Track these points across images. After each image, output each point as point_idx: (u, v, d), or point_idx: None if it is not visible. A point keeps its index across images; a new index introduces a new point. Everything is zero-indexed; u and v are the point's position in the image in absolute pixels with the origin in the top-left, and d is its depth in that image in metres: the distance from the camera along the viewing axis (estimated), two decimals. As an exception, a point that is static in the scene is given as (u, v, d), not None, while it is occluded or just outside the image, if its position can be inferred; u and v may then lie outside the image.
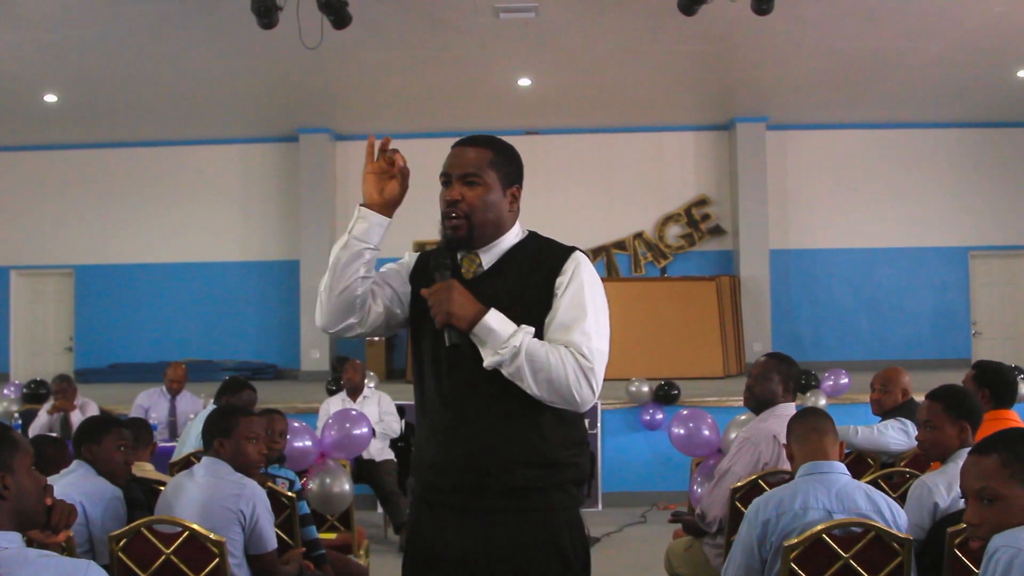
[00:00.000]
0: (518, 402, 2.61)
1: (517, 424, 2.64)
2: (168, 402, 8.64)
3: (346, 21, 9.67)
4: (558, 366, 2.57)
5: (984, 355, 13.95)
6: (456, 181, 2.74)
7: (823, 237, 15.63)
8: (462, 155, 2.78)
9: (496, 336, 2.58)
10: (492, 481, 2.63)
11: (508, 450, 2.63)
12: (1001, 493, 2.48)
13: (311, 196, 15.52)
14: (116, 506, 3.84)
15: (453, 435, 2.66)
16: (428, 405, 2.75)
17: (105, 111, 14.19)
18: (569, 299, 2.69)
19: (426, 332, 2.73)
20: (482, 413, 2.64)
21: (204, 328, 15.79)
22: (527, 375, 2.56)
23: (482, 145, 2.80)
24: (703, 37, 11.24)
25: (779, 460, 4.37)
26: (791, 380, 4.73)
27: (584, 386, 2.59)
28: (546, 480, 2.67)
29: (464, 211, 2.72)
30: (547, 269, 2.73)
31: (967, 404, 3.85)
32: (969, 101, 14.40)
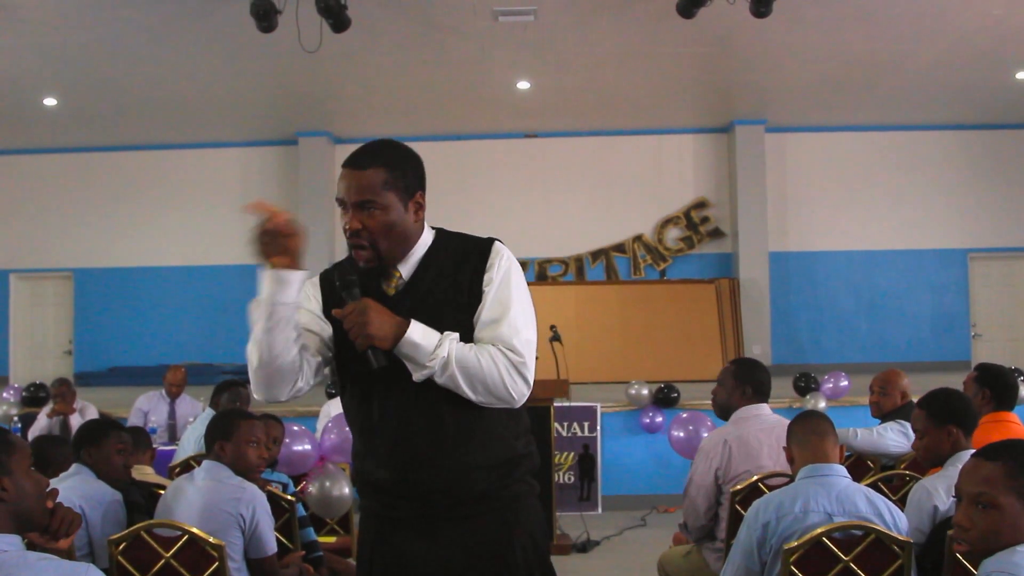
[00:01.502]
0: (461, 407, 2.56)
1: (465, 429, 2.58)
2: (167, 405, 8.64)
3: (345, 25, 9.69)
4: (490, 367, 2.52)
5: (984, 357, 13.98)
6: (353, 208, 2.62)
7: (822, 239, 15.63)
8: (355, 180, 2.64)
9: (422, 350, 2.49)
10: (456, 493, 2.58)
11: (464, 459, 2.57)
12: (998, 502, 2.44)
13: (310, 199, 15.52)
14: (116, 509, 3.84)
15: (403, 457, 2.58)
16: (365, 428, 2.64)
17: (104, 114, 14.20)
18: (494, 293, 2.63)
19: (348, 354, 2.59)
20: (427, 428, 2.56)
21: (203, 331, 15.79)
22: (461, 382, 2.50)
23: (374, 164, 2.66)
24: (702, 40, 11.25)
25: (729, 464, 4.41)
26: (749, 384, 4.71)
27: (519, 382, 2.56)
28: (508, 476, 2.64)
29: (368, 240, 2.60)
30: (472, 266, 2.66)
31: (950, 407, 3.82)
32: (968, 103, 14.41)
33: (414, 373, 2.49)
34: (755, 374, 4.75)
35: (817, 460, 3.50)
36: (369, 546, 2.69)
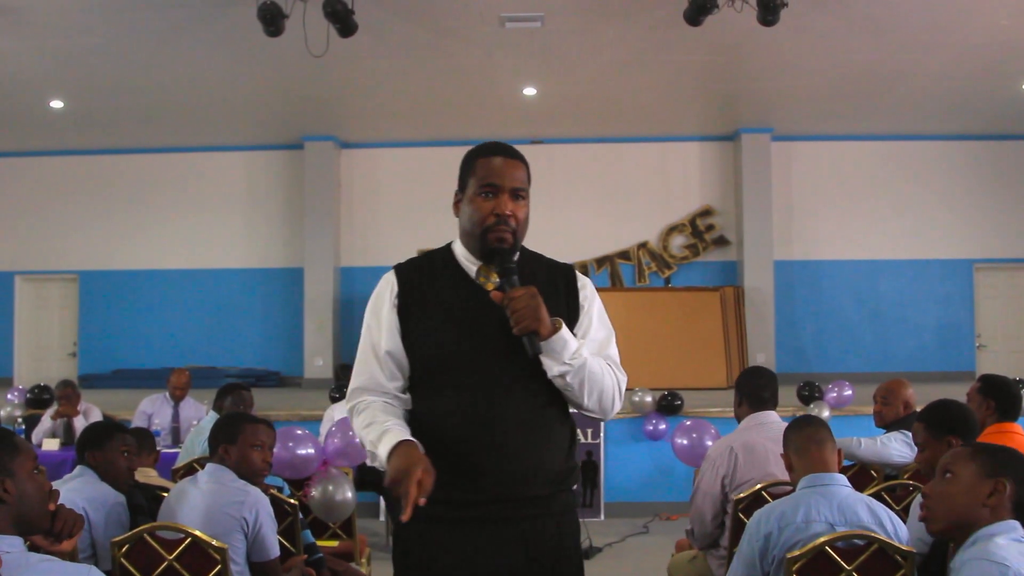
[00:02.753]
0: (547, 412, 2.67)
1: (544, 430, 2.66)
2: (171, 408, 8.63)
3: (352, 29, 9.70)
4: (609, 380, 2.65)
5: (988, 368, 13.95)
6: (507, 194, 2.68)
7: (827, 248, 15.62)
8: (513, 169, 2.72)
9: (569, 347, 2.57)
10: (524, 492, 2.62)
11: (538, 459, 2.64)
12: (957, 470, 2.63)
13: (316, 204, 15.55)
14: (119, 512, 3.84)
15: (491, 448, 2.58)
16: (443, 420, 2.62)
17: (110, 117, 14.21)
18: (597, 316, 2.79)
19: (447, 346, 2.64)
20: (515, 422, 2.61)
21: (208, 335, 15.82)
22: (584, 387, 2.60)
23: (523, 161, 2.76)
24: (708, 48, 11.25)
25: (736, 471, 4.44)
26: (746, 395, 4.78)
27: (619, 401, 2.70)
28: (564, 483, 2.71)
29: (513, 226, 2.68)
30: (563, 283, 2.78)
31: (950, 418, 3.82)
32: (974, 113, 14.40)
33: (551, 368, 2.57)
34: (753, 383, 4.77)
35: (817, 469, 3.49)
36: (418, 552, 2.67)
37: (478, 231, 2.66)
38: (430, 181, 15.48)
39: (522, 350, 2.56)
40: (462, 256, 2.77)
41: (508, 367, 2.60)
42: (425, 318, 2.68)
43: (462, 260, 2.76)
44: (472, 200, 2.69)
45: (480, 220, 2.65)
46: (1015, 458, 2.65)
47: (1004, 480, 2.57)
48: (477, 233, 2.67)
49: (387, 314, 2.72)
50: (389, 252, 15.48)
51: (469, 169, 2.74)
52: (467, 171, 2.75)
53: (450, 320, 2.65)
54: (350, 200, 15.97)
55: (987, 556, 2.48)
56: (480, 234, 2.66)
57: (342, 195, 15.94)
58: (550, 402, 2.67)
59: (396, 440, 2.47)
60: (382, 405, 2.66)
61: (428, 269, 2.78)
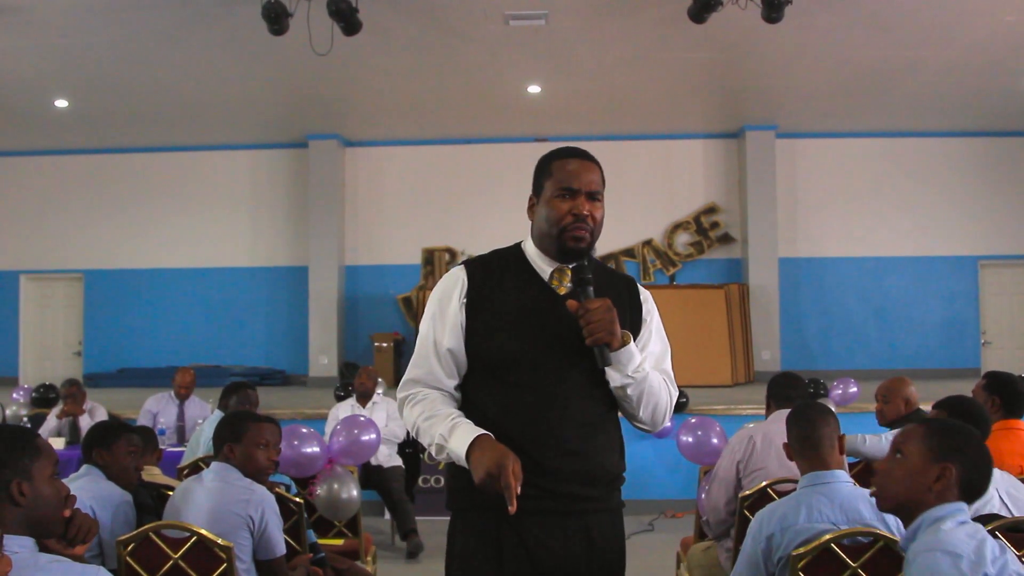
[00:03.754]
0: (607, 417, 2.74)
1: (606, 438, 2.73)
2: (176, 407, 8.65)
3: (356, 28, 9.71)
4: (665, 395, 2.72)
5: (994, 365, 13.94)
6: (585, 197, 2.71)
7: (832, 246, 15.60)
8: (592, 172, 2.75)
9: (635, 360, 2.63)
10: (591, 490, 2.68)
11: (602, 461, 2.70)
12: (906, 449, 2.69)
13: (320, 202, 15.55)
14: (126, 511, 3.85)
15: (556, 448, 2.62)
16: (509, 416, 2.63)
17: (115, 116, 14.23)
18: (657, 329, 2.87)
19: (516, 346, 2.66)
20: (582, 427, 2.66)
21: (213, 333, 15.83)
22: (643, 398, 2.67)
23: (598, 164, 2.78)
24: (713, 45, 11.24)
25: (751, 457, 4.59)
26: (774, 397, 5.06)
27: (670, 415, 2.78)
28: (614, 486, 2.78)
29: (591, 227, 2.72)
30: (627, 294, 2.83)
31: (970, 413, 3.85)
32: (979, 110, 14.38)
33: (614, 379, 2.62)
34: (776, 385, 4.98)
35: (817, 467, 3.50)
36: (482, 540, 2.66)
37: (555, 231, 2.70)
38: (435, 179, 15.52)
39: (587, 356, 2.61)
40: (534, 256, 2.80)
41: (573, 372, 2.65)
42: (495, 316, 2.70)
43: (534, 260, 2.79)
44: (549, 202, 2.73)
45: (557, 220, 2.69)
46: (966, 440, 2.66)
47: (951, 466, 2.59)
48: (554, 233, 2.70)
49: (454, 310, 2.73)
50: (394, 250, 15.52)
51: (545, 172, 2.78)
52: (543, 174, 2.79)
53: (520, 320, 2.68)
54: (354, 198, 15.97)
55: (938, 546, 2.49)
56: (557, 234, 2.70)
57: (346, 193, 15.95)
58: (610, 408, 2.74)
59: (474, 434, 2.51)
60: (441, 397, 2.70)
61: (498, 267, 2.80)
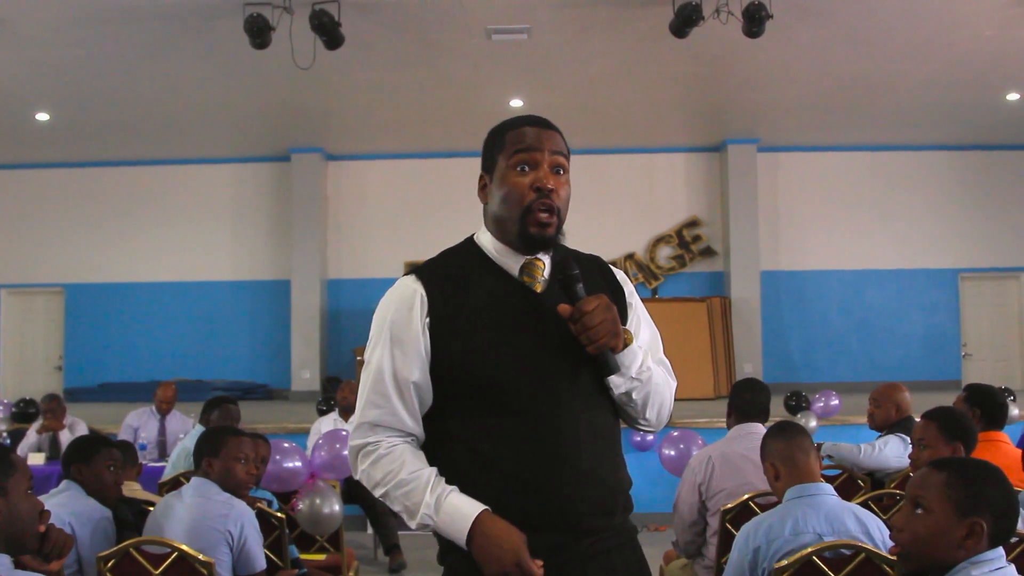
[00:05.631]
0: (614, 429, 2.35)
1: (613, 450, 2.34)
2: (158, 422, 8.59)
3: (339, 42, 9.70)
4: (668, 390, 2.40)
5: (974, 377, 14.02)
6: (548, 165, 2.26)
7: (814, 259, 15.66)
8: (553, 137, 2.30)
9: (637, 359, 2.27)
10: (614, 517, 2.28)
11: (619, 480, 2.32)
12: (932, 507, 2.45)
13: (302, 216, 15.53)
14: (105, 527, 3.82)
15: (575, 478, 2.18)
16: (505, 446, 2.17)
17: (97, 130, 14.18)
18: (644, 314, 2.47)
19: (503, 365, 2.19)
20: (590, 443, 2.23)
21: (195, 348, 15.75)
22: (648, 400, 2.33)
23: (560, 133, 2.33)
24: (694, 59, 11.29)
25: (711, 480, 4.47)
26: (736, 406, 4.88)
27: (672, 409, 2.45)
28: (628, 507, 2.37)
29: (556, 205, 2.26)
30: (603, 278, 2.43)
31: (962, 426, 3.87)
32: (959, 124, 14.47)
33: (619, 385, 2.26)
34: (742, 397, 4.86)
35: (803, 479, 3.50)
36: None
37: (516, 213, 2.24)
38: (417, 193, 15.51)
39: (583, 361, 2.21)
40: (495, 251, 2.33)
41: (574, 383, 2.22)
42: (470, 333, 2.21)
43: (497, 257, 2.32)
44: (504, 178, 2.27)
45: (518, 199, 2.23)
46: (992, 487, 2.49)
47: (981, 521, 2.40)
48: (515, 216, 2.24)
49: (415, 334, 2.22)
50: (376, 264, 15.49)
51: (497, 144, 2.32)
52: (495, 147, 2.33)
53: (501, 333, 2.21)
54: (337, 212, 15.96)
55: None
56: (519, 217, 2.23)
57: (329, 207, 15.93)
58: (613, 416, 2.35)
59: (472, 512, 2.10)
60: (409, 451, 2.22)
61: (458, 271, 2.31)
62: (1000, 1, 9.73)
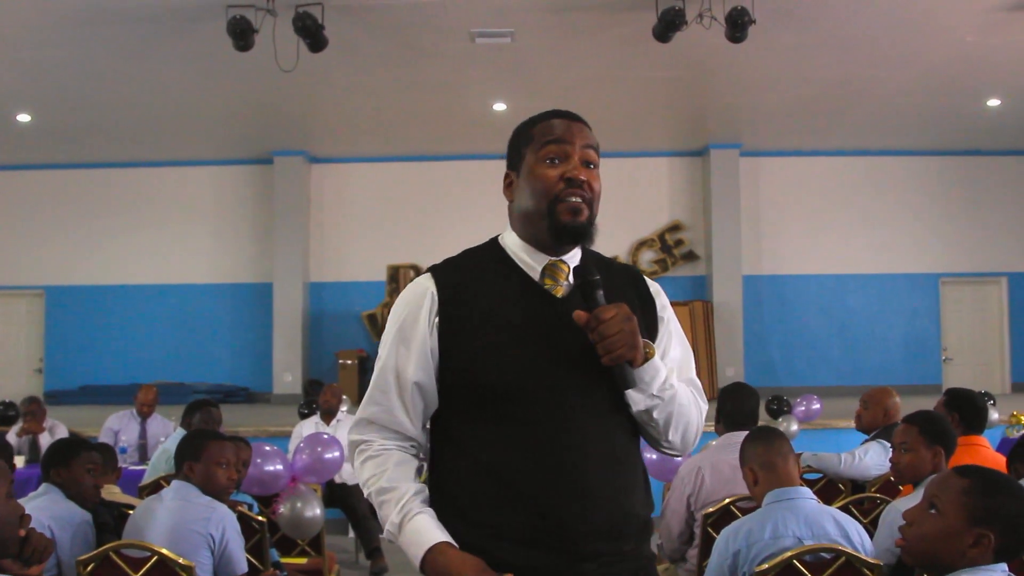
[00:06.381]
0: (631, 450, 2.18)
1: (632, 476, 2.18)
2: (138, 425, 8.55)
3: (322, 44, 9.69)
4: (695, 411, 2.21)
5: (954, 381, 14.05)
6: (579, 158, 2.15)
7: (795, 263, 15.71)
8: (585, 131, 2.20)
9: (661, 375, 2.10)
10: (621, 544, 2.11)
11: (632, 506, 2.14)
12: (946, 510, 2.41)
13: (285, 219, 15.50)
14: (85, 530, 3.80)
15: (564, 491, 2.05)
16: (506, 459, 2.06)
17: (79, 131, 14.13)
18: (676, 331, 2.32)
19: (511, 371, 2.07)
20: (601, 461, 2.09)
21: (176, 351, 15.70)
22: (672, 420, 2.14)
23: (590, 127, 2.24)
24: (677, 64, 11.31)
25: (700, 491, 4.43)
26: (724, 413, 4.89)
27: (700, 432, 2.24)
28: (645, 533, 2.20)
29: (588, 197, 2.14)
30: (635, 291, 2.27)
31: (942, 429, 3.88)
32: (940, 129, 14.55)
33: (638, 402, 2.10)
34: (728, 404, 4.86)
35: (783, 483, 3.50)
36: None
37: (544, 205, 2.12)
38: (400, 196, 15.48)
39: (601, 375, 2.06)
40: (518, 250, 2.22)
41: (587, 395, 2.09)
42: (480, 335, 2.10)
43: (519, 256, 2.21)
44: (532, 170, 2.16)
45: (546, 190, 2.12)
46: (1010, 503, 2.43)
47: (990, 534, 2.36)
48: (543, 208, 2.12)
49: (421, 333, 2.14)
50: (359, 267, 15.47)
51: (524, 137, 2.25)
52: (521, 142, 2.25)
53: (513, 337, 2.10)
54: (320, 215, 15.93)
55: None
56: (547, 208, 2.12)
57: (311, 210, 15.90)
58: (632, 435, 2.18)
59: (429, 541, 2.02)
60: (398, 457, 2.17)
61: (475, 271, 2.21)
62: (981, 7, 9.79)
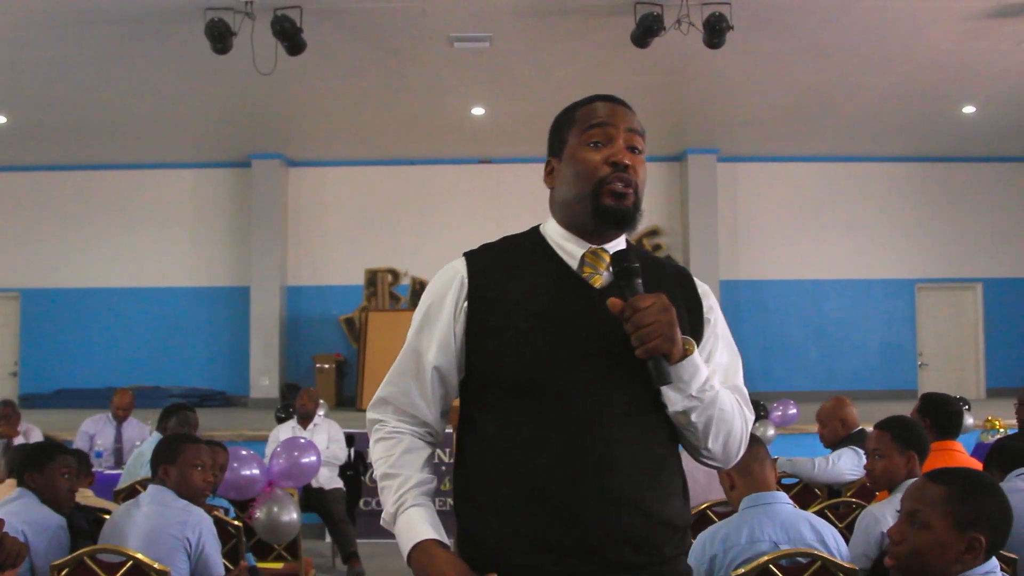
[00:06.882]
0: (669, 452, 2.06)
1: (668, 481, 2.05)
2: (114, 429, 8.50)
3: (300, 48, 9.68)
4: (739, 420, 2.06)
5: (930, 386, 14.13)
6: (623, 142, 2.06)
7: (773, 268, 15.77)
8: (627, 114, 2.12)
9: (701, 374, 1.96)
10: (653, 553, 1.99)
11: (666, 513, 2.01)
12: (930, 522, 2.42)
13: (262, 222, 15.45)
14: (60, 536, 3.78)
15: (604, 499, 1.93)
16: (542, 459, 1.94)
17: (55, 133, 14.04)
18: (724, 334, 2.18)
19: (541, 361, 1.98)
20: (637, 468, 1.98)
21: (152, 354, 15.62)
22: (712, 426, 2.00)
23: (635, 113, 2.14)
24: (655, 69, 11.34)
25: None
26: None
27: (744, 446, 2.10)
28: (683, 544, 2.10)
29: (635, 181, 2.06)
30: (680, 289, 2.13)
31: (915, 434, 3.90)
32: (916, 136, 14.65)
33: (675, 402, 1.96)
34: None
35: (759, 488, 3.51)
36: None
37: (588, 188, 2.04)
38: (378, 200, 15.46)
39: (638, 370, 1.94)
40: (558, 237, 2.14)
41: (620, 392, 1.98)
42: (509, 323, 2.01)
43: (558, 243, 2.13)
44: (575, 154, 2.10)
45: (589, 173, 2.05)
46: (990, 500, 2.46)
47: (980, 536, 2.38)
48: (587, 192, 2.05)
49: (446, 317, 2.07)
50: (337, 271, 15.44)
51: (567, 122, 2.19)
52: (565, 125, 2.20)
53: (544, 326, 1.99)
54: (297, 219, 15.89)
55: None
56: (591, 192, 2.04)
57: (289, 213, 15.85)
58: (669, 438, 2.05)
59: (417, 537, 1.94)
60: (409, 443, 2.07)
61: (510, 257, 2.13)
62: (957, 15, 9.86)
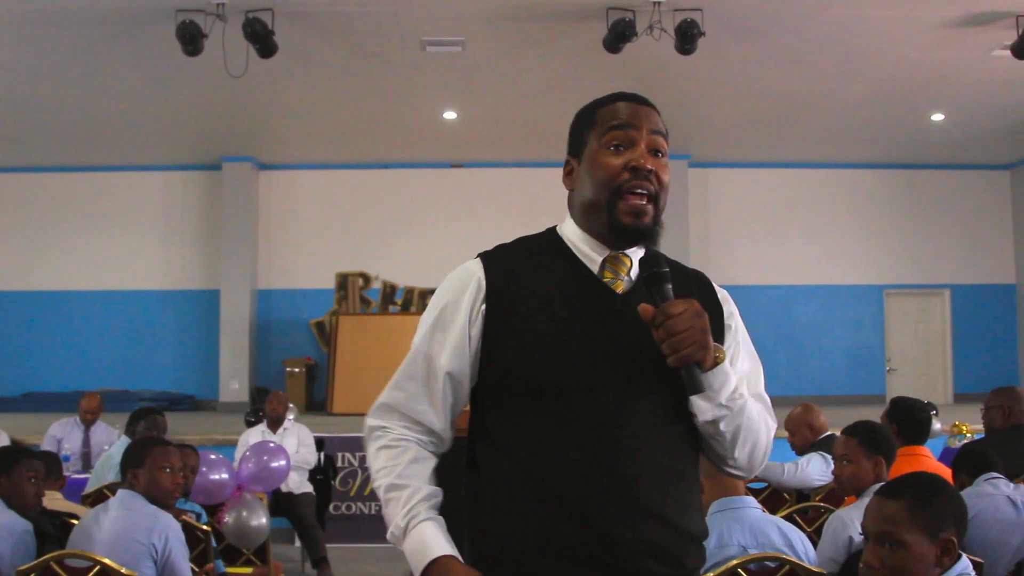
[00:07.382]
0: (692, 462, 2.02)
1: (692, 492, 2.01)
2: (82, 433, 8.44)
3: (272, 50, 9.65)
4: (765, 430, 2.02)
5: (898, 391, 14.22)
6: (646, 145, 1.99)
7: (743, 274, 15.80)
8: (652, 114, 2.06)
9: (731, 383, 1.91)
10: (678, 567, 1.94)
11: (689, 524, 1.97)
12: (904, 539, 2.39)
13: (233, 225, 15.37)
14: (26, 540, 3.76)
15: (630, 510, 1.87)
16: (565, 468, 1.87)
17: (23, 135, 13.92)
18: (745, 341, 2.17)
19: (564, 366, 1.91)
20: (663, 479, 1.92)
21: (121, 357, 15.51)
22: (740, 435, 1.95)
23: (660, 114, 2.09)
24: (627, 75, 11.35)
25: None
26: None
27: (769, 453, 2.06)
28: (701, 555, 2.06)
29: (654, 190, 1.98)
30: (700, 293, 2.07)
31: (882, 439, 3.93)
32: (885, 143, 14.77)
33: (704, 411, 1.90)
34: None
35: (728, 493, 3.53)
36: None
37: (605, 196, 1.98)
38: (349, 204, 15.43)
39: (662, 378, 1.89)
40: (577, 240, 2.09)
41: (645, 401, 1.92)
42: (528, 328, 1.94)
43: (578, 246, 2.08)
44: (595, 157, 2.04)
45: (608, 179, 1.98)
46: (947, 498, 2.48)
47: (952, 537, 2.39)
48: (604, 199, 1.99)
49: (461, 321, 1.99)
50: (307, 275, 15.39)
51: (588, 121, 2.12)
52: (585, 124, 2.13)
53: (564, 331, 1.93)
54: (268, 222, 15.83)
55: None
56: (608, 199, 1.98)
57: (260, 217, 15.80)
58: (692, 449, 2.00)
59: (435, 552, 1.84)
60: (416, 452, 1.97)
61: (528, 260, 2.08)
62: (926, 24, 9.95)
